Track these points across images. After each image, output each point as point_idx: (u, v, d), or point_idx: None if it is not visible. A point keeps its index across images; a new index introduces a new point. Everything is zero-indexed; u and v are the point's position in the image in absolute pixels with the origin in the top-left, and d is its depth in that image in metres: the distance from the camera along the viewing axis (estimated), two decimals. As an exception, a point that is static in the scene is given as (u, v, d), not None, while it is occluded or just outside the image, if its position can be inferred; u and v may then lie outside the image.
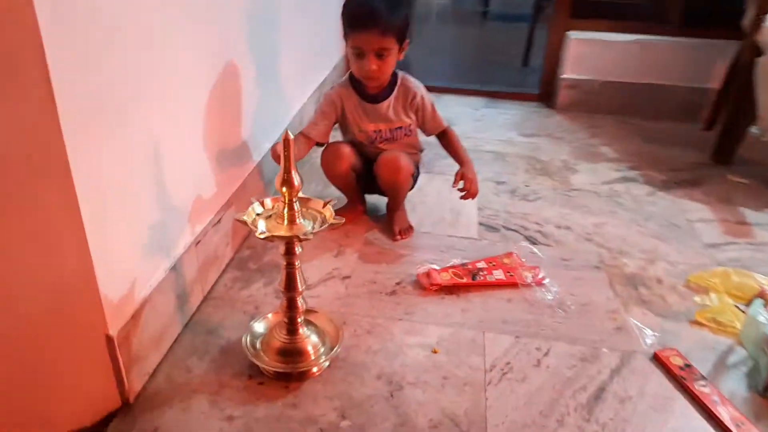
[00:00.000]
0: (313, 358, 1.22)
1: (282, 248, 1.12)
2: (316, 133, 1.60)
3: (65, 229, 0.91)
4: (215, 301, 1.41)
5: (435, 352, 1.29)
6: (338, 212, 1.74)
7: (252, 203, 1.14)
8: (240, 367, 1.21)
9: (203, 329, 1.31)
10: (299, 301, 1.19)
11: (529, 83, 3.08)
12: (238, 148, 1.58)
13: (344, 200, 1.78)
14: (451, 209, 1.84)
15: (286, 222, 1.10)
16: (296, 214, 1.10)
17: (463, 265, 1.56)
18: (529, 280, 1.52)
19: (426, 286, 1.48)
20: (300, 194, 1.17)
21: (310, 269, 1.54)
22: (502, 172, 2.15)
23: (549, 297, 1.48)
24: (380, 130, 1.65)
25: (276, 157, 1.41)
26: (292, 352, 1.20)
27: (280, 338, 1.21)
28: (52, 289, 0.94)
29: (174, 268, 1.24)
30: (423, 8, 5.89)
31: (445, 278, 1.49)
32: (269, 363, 1.18)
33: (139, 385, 1.14)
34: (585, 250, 1.69)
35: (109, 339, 1.04)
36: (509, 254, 1.61)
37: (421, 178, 1.98)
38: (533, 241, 1.72)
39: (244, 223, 1.08)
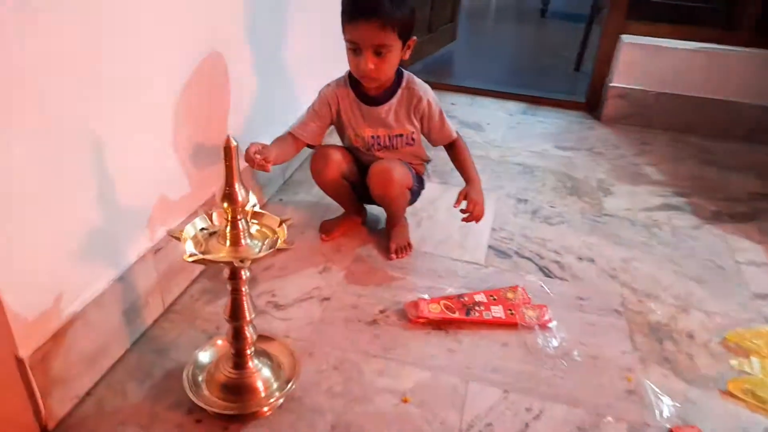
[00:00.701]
0: (263, 395, 1.07)
1: (227, 272, 0.97)
2: (305, 134, 1.44)
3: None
4: (175, 315, 1.28)
5: (405, 401, 1.11)
6: (331, 223, 1.60)
7: (198, 216, 1.00)
8: (180, 398, 1.06)
9: (152, 348, 1.18)
10: (247, 332, 1.04)
11: (578, 90, 2.81)
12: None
13: (340, 210, 1.62)
14: (460, 227, 1.64)
15: (228, 243, 0.94)
16: (241, 234, 0.95)
17: (458, 296, 1.37)
18: (533, 321, 1.31)
19: (411, 318, 1.30)
20: (256, 208, 1.02)
21: (287, 285, 1.39)
22: (526, 189, 1.94)
23: (553, 344, 1.27)
24: (378, 137, 1.47)
25: (249, 161, 1.25)
26: (239, 389, 1.06)
27: (225, 372, 1.06)
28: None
29: (121, 279, 1.11)
30: (481, 3, 5.64)
31: (434, 311, 1.31)
32: (208, 401, 1.03)
33: (63, 409, 1.02)
34: (606, 290, 1.46)
35: (19, 361, 0.92)
36: (514, 288, 1.41)
37: (435, 190, 1.80)
38: (547, 273, 1.51)
39: (177, 238, 0.93)
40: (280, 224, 1.00)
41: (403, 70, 1.46)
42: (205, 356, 1.11)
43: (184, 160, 1.29)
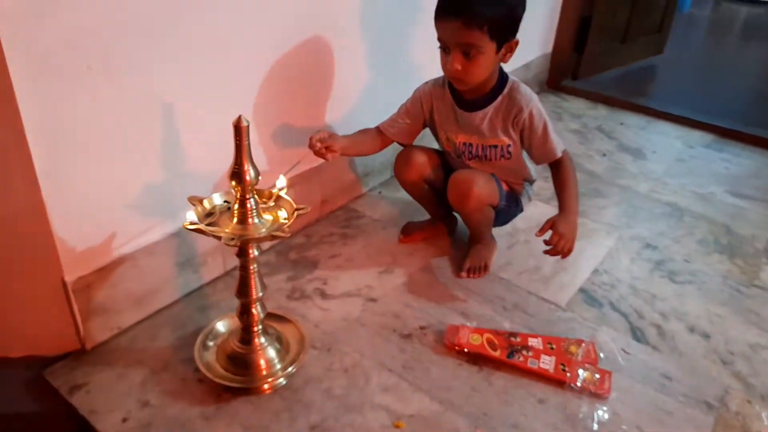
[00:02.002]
0: (263, 373, 1.08)
1: (236, 248, 1.00)
2: (391, 130, 1.39)
3: (15, 166, 0.93)
4: (231, 280, 1.35)
5: (398, 425, 1.03)
6: (415, 225, 1.54)
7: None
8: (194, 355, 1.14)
9: (198, 304, 1.27)
10: (255, 309, 1.06)
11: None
12: (320, 129, 1.46)
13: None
14: (556, 260, 1.45)
15: (235, 220, 0.96)
16: (250, 212, 0.96)
17: (510, 334, 1.22)
18: (587, 385, 1.11)
19: (447, 342, 1.20)
20: (282, 193, 1.02)
21: (343, 277, 1.38)
22: (663, 234, 1.63)
23: (600, 418, 1.06)
24: (471, 144, 1.36)
25: (311, 147, 1.25)
26: (243, 362, 1.08)
27: (233, 344, 1.10)
28: (4, 220, 0.97)
29: (177, 235, 1.21)
30: (726, 15, 4.89)
31: (474, 342, 1.19)
32: (209, 367, 1.07)
33: (102, 335, 1.16)
34: (708, 375, 1.18)
35: (64, 283, 1.06)
36: (580, 342, 1.21)
37: (544, 213, 1.61)
38: (637, 336, 1.27)
39: (193, 204, 0.98)
40: (294, 211, 0.99)
41: (507, 75, 1.32)
42: (222, 325, 1.16)
43: (266, 138, 1.35)
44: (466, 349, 1.18)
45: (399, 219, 1.60)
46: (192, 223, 0.93)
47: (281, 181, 1.03)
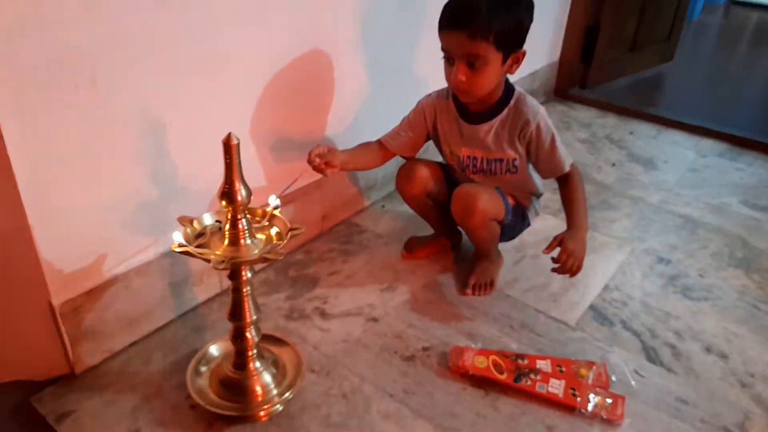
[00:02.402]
0: (259, 400, 1.04)
1: (227, 270, 0.95)
2: (393, 144, 1.35)
3: (-2, 189, 0.90)
4: (228, 299, 1.30)
5: (398, 456, 0.98)
6: (418, 240, 1.49)
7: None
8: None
9: (193, 325, 1.23)
10: (249, 333, 1.01)
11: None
12: (319, 143, 1.42)
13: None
14: (564, 277, 1.40)
15: (227, 241, 0.92)
16: (242, 233, 0.91)
17: (517, 356, 1.16)
18: (598, 410, 1.06)
19: (452, 365, 1.15)
20: (276, 212, 0.98)
21: (343, 295, 1.34)
22: (675, 247, 1.58)
23: (612, 447, 1.01)
24: (475, 158, 1.31)
25: (309, 162, 1.21)
26: (237, 388, 1.04)
27: (227, 369, 1.05)
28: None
29: (170, 254, 1.17)
30: (737, 21, 4.82)
31: (479, 365, 1.13)
32: (201, 393, 1.03)
33: (93, 359, 1.12)
34: (727, 399, 1.12)
35: (51, 306, 1.02)
36: (591, 364, 1.15)
37: (548, 224, 1.56)
38: (651, 357, 1.21)
39: (182, 224, 0.94)
40: (289, 231, 0.94)
41: (514, 87, 1.28)
42: (216, 349, 1.12)
43: (263, 152, 1.31)
44: (471, 372, 1.13)
45: (402, 234, 1.55)
46: (180, 245, 0.88)
47: (274, 200, 0.99)
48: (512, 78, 1.29)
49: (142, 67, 1.00)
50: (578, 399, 1.08)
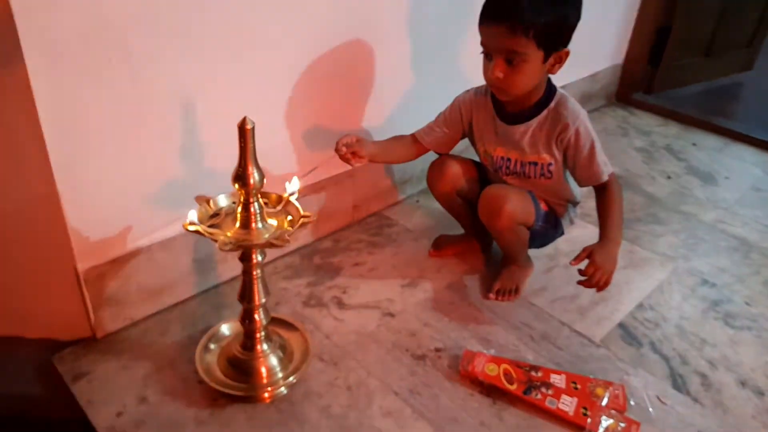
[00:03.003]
0: (264, 381, 1.05)
1: (238, 252, 0.96)
2: (427, 139, 1.32)
3: (30, 155, 0.94)
4: (251, 279, 1.33)
5: (393, 455, 0.97)
6: (447, 239, 1.46)
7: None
8: (201, 355, 1.12)
9: (213, 302, 1.25)
10: (257, 315, 1.02)
11: None
12: (349, 133, 1.40)
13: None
14: (593, 290, 1.34)
15: (238, 224, 0.92)
16: (253, 216, 0.92)
17: (530, 367, 1.12)
18: (609, 434, 1.01)
19: (461, 369, 1.12)
20: (293, 198, 0.98)
21: (363, 287, 1.33)
22: (724, 271, 1.47)
23: (619, 475, 0.96)
24: (509, 159, 1.27)
25: (336, 151, 1.20)
26: (243, 368, 1.06)
27: (235, 349, 1.07)
28: (19, 206, 0.98)
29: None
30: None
31: (490, 372, 1.10)
32: (208, 371, 1.05)
33: (113, 326, 1.16)
34: (754, 439, 1.04)
35: (76, 272, 1.07)
36: (609, 384, 1.09)
37: (587, 233, 1.49)
38: (677, 384, 1.14)
39: (200, 203, 0.95)
40: (301, 218, 0.94)
41: (556, 88, 1.22)
42: (227, 328, 1.13)
43: (296, 139, 1.31)
44: (480, 379, 1.09)
45: (433, 231, 1.52)
46: (192, 224, 0.90)
47: (292, 186, 0.99)
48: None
49: (176, 45, 1.02)
50: (588, 420, 1.03)
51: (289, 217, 0.98)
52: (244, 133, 0.85)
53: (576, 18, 1.12)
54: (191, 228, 0.90)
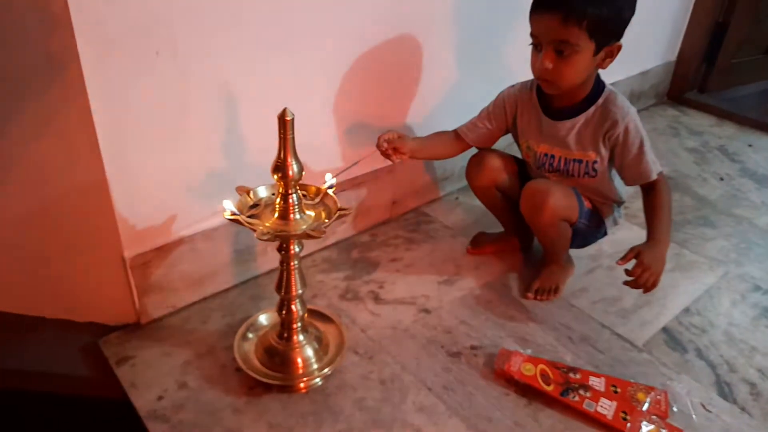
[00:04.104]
0: (299, 372, 1.06)
1: (277, 243, 0.98)
2: (470, 135, 1.30)
3: (81, 144, 0.98)
4: (289, 272, 1.35)
5: (425, 451, 0.97)
6: (486, 237, 1.45)
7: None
8: (239, 344, 1.14)
9: (252, 293, 1.28)
10: (294, 306, 1.04)
11: None
12: (392, 129, 1.40)
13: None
14: (638, 293, 1.29)
15: (276, 214, 0.94)
16: (291, 208, 0.93)
17: (569, 369, 1.10)
18: (649, 441, 0.97)
19: (497, 368, 1.11)
20: (330, 191, 0.99)
21: (400, 282, 1.33)
22: (780, 277, 1.41)
23: (658, 483, 0.93)
24: (553, 156, 1.24)
25: (378, 147, 1.20)
26: (279, 358, 1.07)
27: (271, 338, 1.08)
28: (70, 195, 1.02)
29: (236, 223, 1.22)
30: None
31: (526, 372, 1.08)
32: (246, 359, 1.07)
33: (157, 312, 1.19)
34: (807, 453, 0.99)
35: (123, 259, 1.10)
36: (651, 389, 1.06)
37: (632, 235, 1.45)
38: (724, 393, 1.09)
39: (240, 193, 0.97)
40: (338, 210, 0.95)
41: (605, 84, 1.19)
42: (265, 318, 1.15)
43: (340, 133, 1.32)
44: (515, 379, 1.08)
45: (472, 228, 1.51)
46: (232, 213, 0.92)
47: (330, 179, 1.00)
48: (618, 77, 1.21)
49: (223, 39, 1.04)
50: (628, 424, 1.00)
51: (326, 210, 0.99)
52: (284, 124, 0.87)
53: (630, 12, 1.09)
54: (231, 217, 0.92)
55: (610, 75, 1.22)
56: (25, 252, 1.07)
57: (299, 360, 1.07)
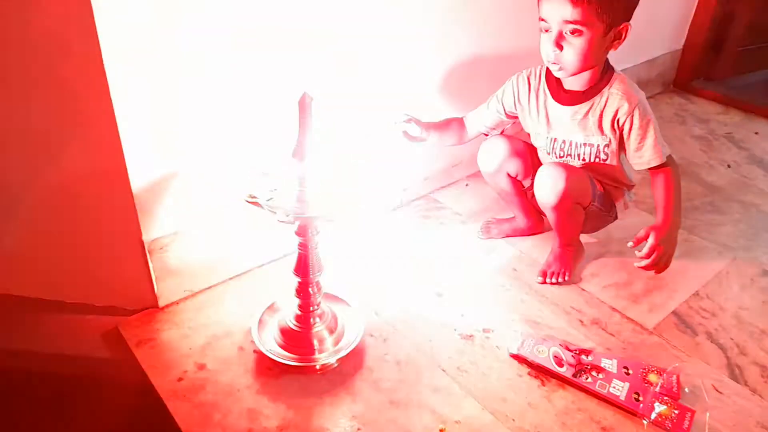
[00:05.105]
0: (316, 354, 1.08)
1: (294, 225, 0.99)
2: (476, 120, 1.32)
3: (101, 131, 0.99)
4: (303, 257, 1.36)
5: (441, 431, 0.98)
6: (497, 223, 1.46)
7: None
8: (256, 327, 1.16)
9: (271, 277, 1.28)
10: (311, 289, 1.05)
11: None
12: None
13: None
14: (652, 278, 1.31)
15: (295, 198, 0.95)
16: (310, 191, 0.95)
17: (581, 352, 1.11)
18: (662, 421, 0.99)
19: (510, 350, 1.12)
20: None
21: (414, 266, 1.34)
22: (789, 262, 1.42)
23: (671, 461, 0.94)
24: (563, 142, 1.25)
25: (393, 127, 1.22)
26: (296, 340, 1.09)
27: (289, 321, 1.10)
28: (88, 179, 1.04)
29: (254, 208, 1.23)
30: None
31: (540, 354, 1.10)
32: (261, 340, 1.09)
33: (175, 296, 1.21)
34: (816, 433, 1.00)
35: (141, 243, 1.12)
36: (663, 371, 1.07)
37: (639, 220, 1.46)
38: (735, 375, 1.11)
39: (259, 177, 0.99)
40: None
41: (614, 68, 1.20)
42: (282, 301, 1.16)
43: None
44: (529, 360, 1.10)
45: (482, 214, 1.52)
46: (251, 196, 0.93)
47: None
48: (625, 65, 1.22)
49: (233, 38, 1.05)
50: (641, 405, 1.02)
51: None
52: (304, 107, 0.88)
53: None
54: (250, 200, 0.93)
55: (617, 63, 1.23)
56: (45, 236, 1.09)
57: (315, 342, 1.08)
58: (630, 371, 1.08)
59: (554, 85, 1.23)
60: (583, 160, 1.25)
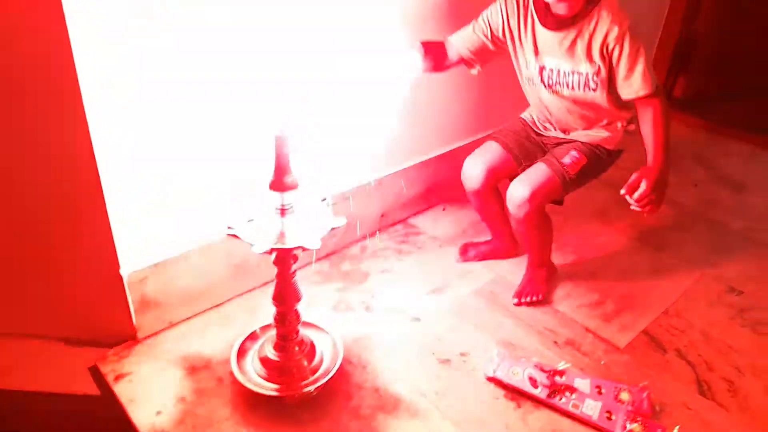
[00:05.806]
0: (296, 382, 1.09)
1: (273, 255, 1.01)
2: (457, 40, 1.28)
3: (80, 161, 1.00)
4: (282, 285, 1.38)
5: (420, 455, 1.00)
6: (472, 247, 1.49)
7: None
8: (235, 357, 1.17)
9: (248, 306, 1.30)
10: (290, 318, 1.07)
11: None
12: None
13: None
14: (622, 297, 1.35)
15: (273, 229, 0.97)
16: (287, 222, 0.97)
17: (555, 373, 1.14)
18: (633, 439, 1.02)
19: (486, 373, 1.15)
20: (324, 204, 1.03)
21: (391, 292, 1.36)
22: (752, 278, 1.47)
23: (643, 478, 0.97)
24: (551, 69, 1.23)
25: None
26: (275, 369, 1.10)
27: (268, 350, 1.11)
28: (66, 211, 1.05)
29: (232, 239, 1.25)
30: None
31: (515, 376, 1.12)
32: (240, 371, 1.09)
33: (154, 328, 1.22)
34: (781, 446, 1.04)
35: (119, 276, 1.13)
36: (634, 389, 1.10)
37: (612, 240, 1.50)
38: (703, 391, 1.14)
39: (237, 209, 1.00)
40: (329, 225, 0.99)
41: None
42: (262, 331, 1.17)
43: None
44: (504, 383, 1.12)
45: (459, 238, 1.56)
46: (230, 228, 0.95)
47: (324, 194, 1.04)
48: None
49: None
50: (614, 424, 1.04)
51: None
52: (281, 142, 0.90)
53: None
54: (230, 232, 0.95)
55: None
56: (19, 270, 1.09)
57: (295, 370, 1.10)
58: (603, 390, 1.11)
59: (542, 10, 1.20)
60: (572, 89, 1.23)
